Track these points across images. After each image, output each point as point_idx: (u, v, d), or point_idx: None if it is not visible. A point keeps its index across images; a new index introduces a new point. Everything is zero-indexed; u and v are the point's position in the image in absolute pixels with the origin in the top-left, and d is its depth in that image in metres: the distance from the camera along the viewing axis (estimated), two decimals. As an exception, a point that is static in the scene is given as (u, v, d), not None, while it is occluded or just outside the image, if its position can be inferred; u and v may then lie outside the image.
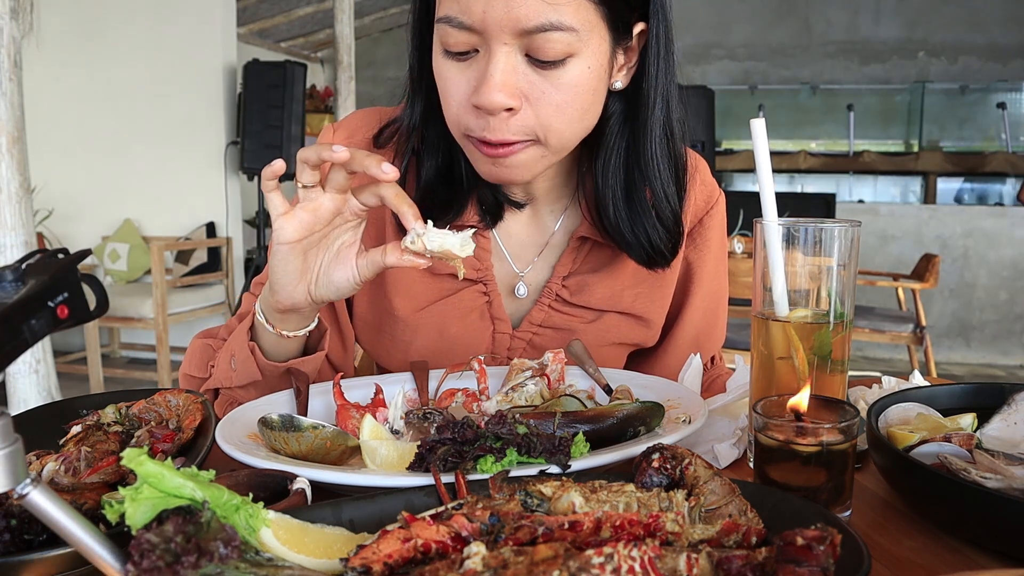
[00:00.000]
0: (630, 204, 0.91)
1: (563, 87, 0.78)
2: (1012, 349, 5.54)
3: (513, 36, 0.75)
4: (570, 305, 0.99)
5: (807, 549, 0.42)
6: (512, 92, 0.77)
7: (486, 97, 0.76)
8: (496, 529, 0.47)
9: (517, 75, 0.77)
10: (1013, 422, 0.74)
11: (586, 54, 0.78)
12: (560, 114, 0.80)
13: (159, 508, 0.45)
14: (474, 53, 0.79)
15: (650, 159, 0.89)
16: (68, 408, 0.83)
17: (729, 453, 0.76)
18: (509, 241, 1.00)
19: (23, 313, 0.41)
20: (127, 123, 5.11)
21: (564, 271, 0.99)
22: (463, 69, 0.80)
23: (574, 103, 0.80)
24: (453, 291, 0.98)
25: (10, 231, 2.91)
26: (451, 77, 0.81)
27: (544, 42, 0.75)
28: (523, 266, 1.00)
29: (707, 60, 7.91)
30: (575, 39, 0.76)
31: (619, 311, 1.01)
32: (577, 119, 0.82)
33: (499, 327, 1.00)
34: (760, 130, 0.74)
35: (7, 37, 2.81)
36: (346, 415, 0.77)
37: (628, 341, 1.04)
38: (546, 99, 0.78)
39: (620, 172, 0.91)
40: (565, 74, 0.78)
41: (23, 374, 3.02)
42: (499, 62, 0.76)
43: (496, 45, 0.76)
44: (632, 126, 0.89)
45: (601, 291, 0.99)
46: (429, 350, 0.99)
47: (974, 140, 7.84)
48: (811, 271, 0.71)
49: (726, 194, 1.09)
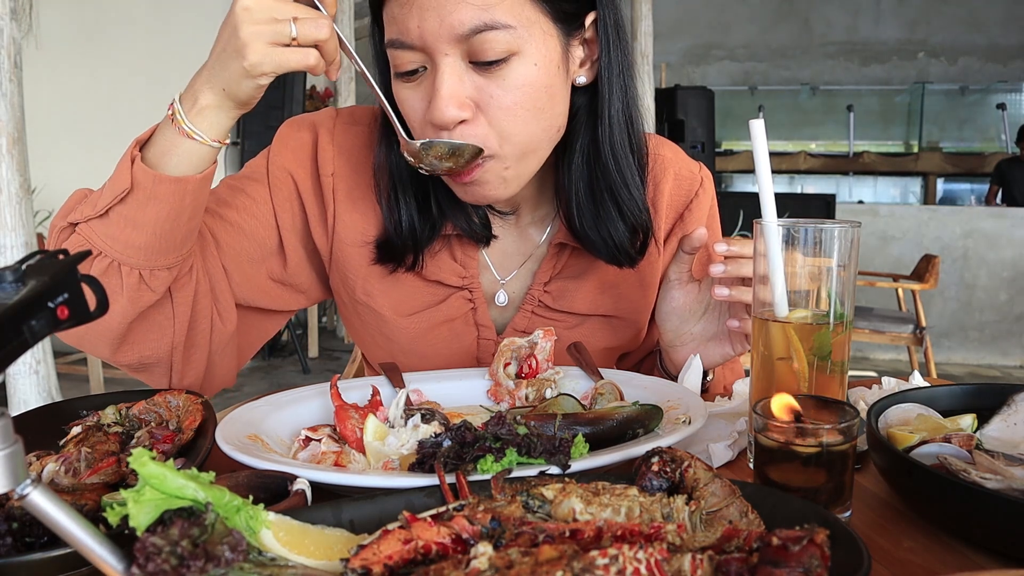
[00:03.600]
0: (593, 201, 0.91)
1: (510, 87, 0.78)
2: (1012, 349, 5.54)
3: (451, 44, 0.75)
4: (552, 311, 1.00)
5: (783, 549, 0.41)
6: (461, 102, 0.77)
7: (437, 113, 0.77)
8: (497, 533, 0.47)
9: (464, 83, 0.77)
10: (1013, 423, 0.74)
11: (529, 51, 0.78)
12: (511, 116, 0.79)
13: (161, 509, 0.45)
14: (423, 71, 0.79)
15: (610, 153, 0.88)
16: (68, 409, 0.83)
17: (723, 454, 0.76)
18: (493, 251, 1.00)
19: (23, 314, 0.41)
20: (127, 123, 5.10)
21: (545, 277, 0.99)
22: (415, 88, 0.80)
23: (524, 103, 0.79)
24: (442, 298, 0.99)
25: (10, 232, 2.90)
26: (407, 99, 0.81)
27: (483, 43, 0.75)
28: (505, 274, 1.01)
29: (707, 61, 7.92)
30: (514, 36, 0.76)
31: (601, 314, 1.02)
32: (531, 119, 0.80)
33: (483, 333, 1.00)
34: (759, 131, 0.74)
35: (7, 37, 2.81)
36: (345, 416, 0.77)
37: (613, 344, 1.05)
38: (495, 103, 0.78)
39: (583, 169, 0.90)
40: (510, 73, 0.77)
41: (23, 375, 3.02)
42: (444, 74, 0.76)
43: (438, 57, 0.76)
44: (592, 121, 0.88)
45: (582, 296, 1.00)
46: (413, 350, 1.00)
47: (974, 141, 7.85)
48: (811, 272, 0.71)
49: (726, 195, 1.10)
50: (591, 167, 0.90)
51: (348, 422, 0.76)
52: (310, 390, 0.87)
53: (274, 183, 0.96)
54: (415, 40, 0.76)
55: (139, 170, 0.76)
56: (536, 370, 0.90)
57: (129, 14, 5.04)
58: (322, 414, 0.83)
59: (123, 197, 0.77)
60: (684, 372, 0.94)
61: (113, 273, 0.78)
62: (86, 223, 0.79)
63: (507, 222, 0.99)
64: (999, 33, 7.42)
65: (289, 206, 0.96)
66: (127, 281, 0.79)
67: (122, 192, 0.77)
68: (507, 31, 0.75)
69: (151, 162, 0.78)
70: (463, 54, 0.76)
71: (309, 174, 0.96)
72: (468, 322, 1.00)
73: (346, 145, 0.96)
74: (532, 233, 1.00)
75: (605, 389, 0.86)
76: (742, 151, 7.64)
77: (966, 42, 7.51)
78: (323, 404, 0.84)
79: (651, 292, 1.04)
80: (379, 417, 0.78)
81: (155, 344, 0.85)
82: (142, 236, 0.77)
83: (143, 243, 0.78)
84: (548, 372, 0.90)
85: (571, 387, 0.90)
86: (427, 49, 0.76)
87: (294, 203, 0.96)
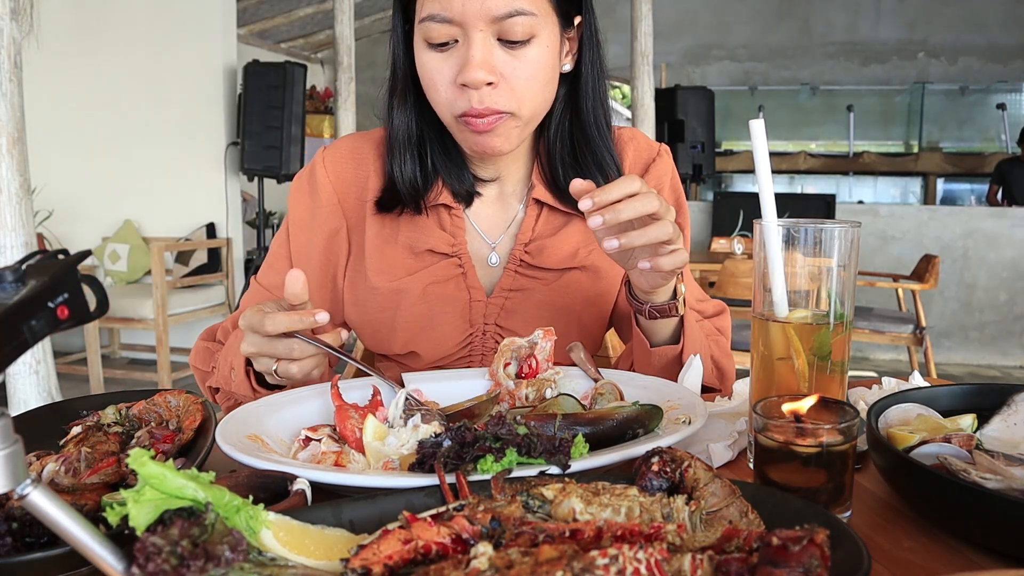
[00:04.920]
0: (576, 166, 1.08)
1: (529, 63, 0.95)
2: (1012, 350, 5.54)
3: (487, 23, 0.92)
4: (533, 268, 1.11)
5: (783, 549, 0.41)
6: (490, 69, 0.93)
7: (471, 75, 0.92)
8: (497, 533, 0.47)
9: (493, 56, 0.93)
10: (1013, 423, 0.74)
11: (544, 35, 0.95)
12: (528, 86, 0.96)
13: (161, 509, 0.45)
14: (453, 43, 0.94)
15: (591, 126, 1.08)
16: (68, 409, 0.83)
17: (723, 454, 0.76)
18: (480, 220, 1.14)
19: (23, 314, 0.41)
20: (127, 124, 5.11)
21: (525, 238, 1.11)
22: (445, 58, 0.95)
23: (538, 76, 0.97)
24: (430, 264, 1.10)
25: (10, 232, 2.90)
26: (436, 66, 0.96)
27: (512, 26, 0.92)
28: (494, 238, 1.14)
29: (707, 61, 7.91)
30: (535, 22, 0.93)
31: (575, 267, 1.12)
32: (540, 91, 0.99)
33: (474, 295, 1.11)
34: (759, 131, 0.74)
35: (7, 38, 2.81)
36: (345, 416, 0.77)
37: (592, 293, 1.13)
38: (517, 74, 0.95)
39: (567, 141, 1.09)
40: (529, 52, 0.95)
41: (23, 375, 3.02)
42: (478, 45, 0.92)
43: (473, 32, 0.92)
44: (574, 102, 1.07)
45: (558, 252, 1.11)
46: (412, 318, 1.09)
47: (974, 141, 7.85)
48: (811, 272, 0.71)
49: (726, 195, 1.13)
50: (574, 139, 1.09)
51: (348, 422, 0.76)
52: (310, 390, 0.87)
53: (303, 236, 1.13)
54: (456, 16, 0.91)
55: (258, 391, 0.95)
56: (536, 370, 0.91)
57: (129, 15, 5.04)
58: (322, 414, 0.83)
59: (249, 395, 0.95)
60: (684, 372, 0.94)
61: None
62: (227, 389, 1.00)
63: (489, 192, 1.13)
64: (999, 33, 7.42)
65: (315, 239, 1.12)
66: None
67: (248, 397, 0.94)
68: (531, 17, 0.93)
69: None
70: (494, 32, 0.93)
71: (321, 202, 1.12)
72: (460, 286, 1.11)
73: (339, 161, 1.13)
74: (512, 202, 1.15)
75: (605, 389, 0.86)
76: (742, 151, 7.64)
77: (966, 42, 7.50)
78: (323, 404, 0.84)
79: None
80: (378, 417, 0.78)
81: None
82: None
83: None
84: (548, 372, 0.90)
85: (571, 387, 0.90)
86: (465, 25, 0.92)
87: (318, 235, 1.12)
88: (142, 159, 5.11)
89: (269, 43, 6.93)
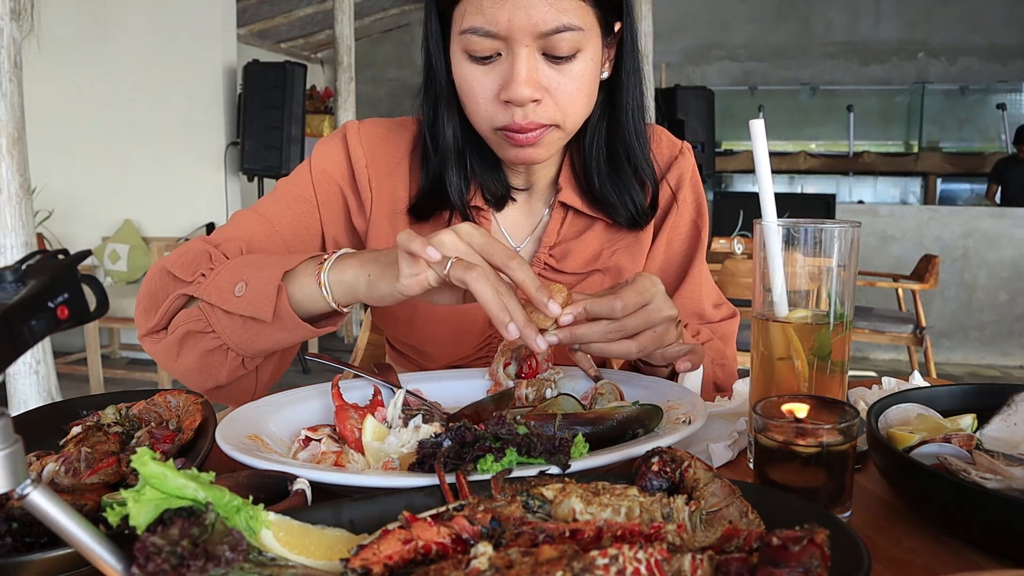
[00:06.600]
0: (613, 174, 1.07)
1: (575, 78, 0.92)
2: (1012, 349, 5.54)
3: (532, 39, 0.88)
4: (556, 272, 1.11)
5: (783, 549, 0.41)
6: (536, 86, 0.90)
7: (516, 92, 0.89)
8: (497, 533, 0.47)
9: (538, 71, 0.91)
10: (1013, 423, 0.74)
11: (589, 49, 0.92)
12: (574, 101, 0.94)
13: (161, 509, 0.45)
14: (496, 57, 0.91)
15: (630, 133, 1.06)
16: (68, 409, 0.83)
17: (723, 454, 0.76)
18: (506, 223, 1.13)
19: (23, 314, 0.41)
20: (127, 124, 5.11)
21: (550, 241, 1.10)
22: (487, 72, 0.92)
23: (583, 89, 0.94)
24: None
25: (10, 232, 2.90)
26: (477, 79, 0.93)
27: (558, 42, 0.89)
28: (519, 242, 1.13)
29: (707, 61, 7.91)
30: (581, 37, 0.90)
31: (597, 269, 1.12)
32: (585, 103, 0.97)
33: None
34: (759, 131, 0.74)
35: (7, 38, 2.81)
36: (345, 416, 0.77)
37: None
38: (562, 89, 0.92)
39: (603, 148, 1.07)
40: (575, 67, 0.92)
41: (23, 375, 3.02)
42: (523, 61, 0.89)
43: (519, 48, 0.89)
44: (612, 108, 1.05)
45: (581, 256, 1.11)
46: (433, 319, 1.09)
47: (974, 141, 7.84)
48: (811, 272, 0.71)
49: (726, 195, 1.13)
50: (611, 145, 1.06)
51: (348, 422, 0.76)
52: (310, 390, 0.87)
53: (318, 185, 1.09)
54: (502, 30, 0.88)
55: (283, 307, 0.83)
56: (536, 370, 0.91)
57: (129, 15, 5.04)
58: (322, 414, 0.83)
59: (258, 318, 0.84)
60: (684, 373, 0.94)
61: (219, 352, 0.89)
62: (210, 307, 0.87)
63: (518, 196, 1.12)
64: (999, 33, 7.41)
65: (331, 202, 1.09)
66: (230, 364, 0.90)
67: (260, 315, 0.83)
68: (577, 32, 0.89)
69: (288, 287, 0.84)
70: (539, 47, 0.90)
71: (346, 170, 1.09)
72: None
73: (373, 137, 1.09)
74: (538, 205, 1.14)
75: (605, 389, 0.86)
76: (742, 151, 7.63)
77: (966, 42, 7.50)
78: (323, 404, 0.84)
79: (642, 247, 1.14)
80: (377, 418, 0.78)
81: (238, 397, 0.96)
82: (261, 344, 0.88)
83: (259, 348, 0.88)
84: (548, 372, 0.90)
85: (571, 387, 0.90)
86: (510, 39, 0.89)
87: (336, 198, 1.09)
88: (142, 159, 5.11)
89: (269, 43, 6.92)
